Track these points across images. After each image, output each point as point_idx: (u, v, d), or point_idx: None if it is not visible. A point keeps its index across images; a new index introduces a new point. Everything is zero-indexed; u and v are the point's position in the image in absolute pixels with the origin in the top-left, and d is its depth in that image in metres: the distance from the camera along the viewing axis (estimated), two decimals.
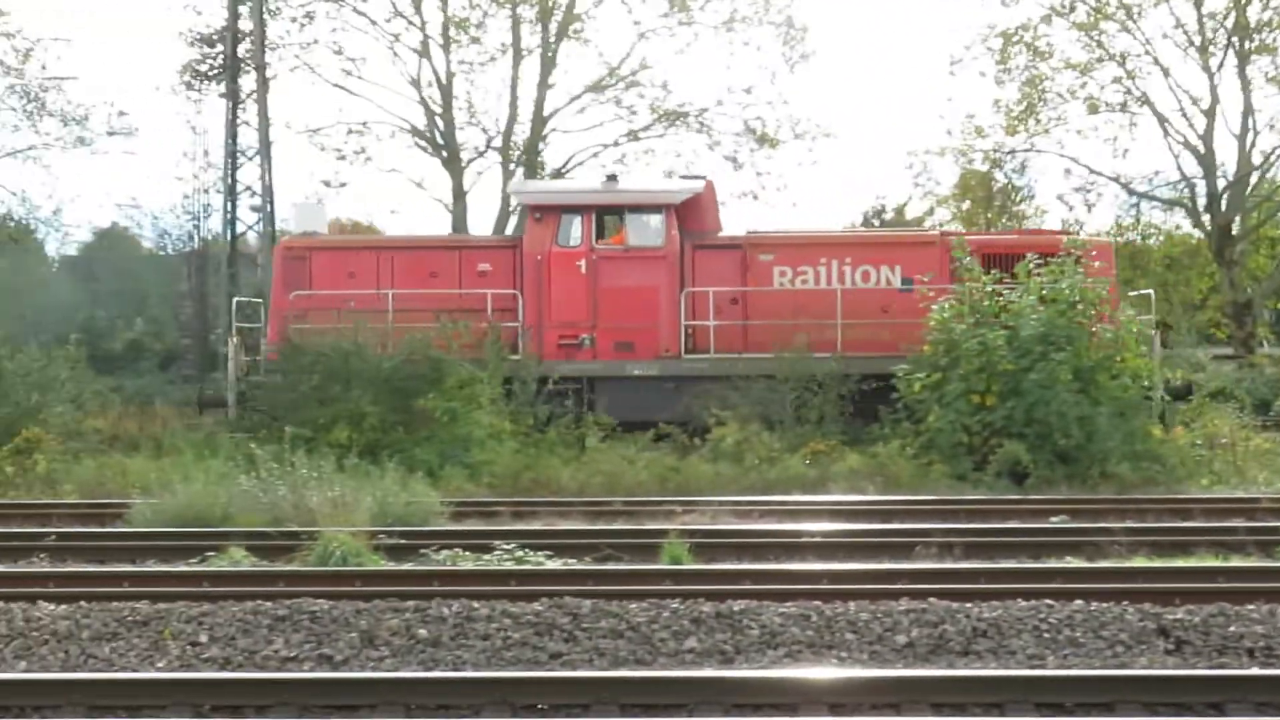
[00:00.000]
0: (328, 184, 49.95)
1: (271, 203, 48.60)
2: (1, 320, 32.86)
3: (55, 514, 21.10)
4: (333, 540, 16.39)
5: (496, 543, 17.03)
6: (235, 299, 30.68)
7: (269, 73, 49.39)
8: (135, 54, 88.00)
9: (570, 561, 16.44)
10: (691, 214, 30.22)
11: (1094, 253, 27.73)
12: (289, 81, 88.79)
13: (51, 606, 13.44)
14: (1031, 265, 26.98)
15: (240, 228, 49.05)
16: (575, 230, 29.66)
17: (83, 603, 13.53)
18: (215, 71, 50.22)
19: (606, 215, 29.99)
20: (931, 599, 13.21)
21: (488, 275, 29.87)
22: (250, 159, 48.95)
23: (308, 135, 49.10)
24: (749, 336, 29.66)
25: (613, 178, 31.52)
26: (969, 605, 13.03)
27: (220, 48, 49.88)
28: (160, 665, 12.07)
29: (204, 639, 12.59)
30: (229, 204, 48.78)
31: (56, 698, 10.56)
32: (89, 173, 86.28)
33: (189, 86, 50.63)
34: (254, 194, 48.94)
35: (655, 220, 29.76)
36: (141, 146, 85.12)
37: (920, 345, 26.90)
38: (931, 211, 55.60)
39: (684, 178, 32.07)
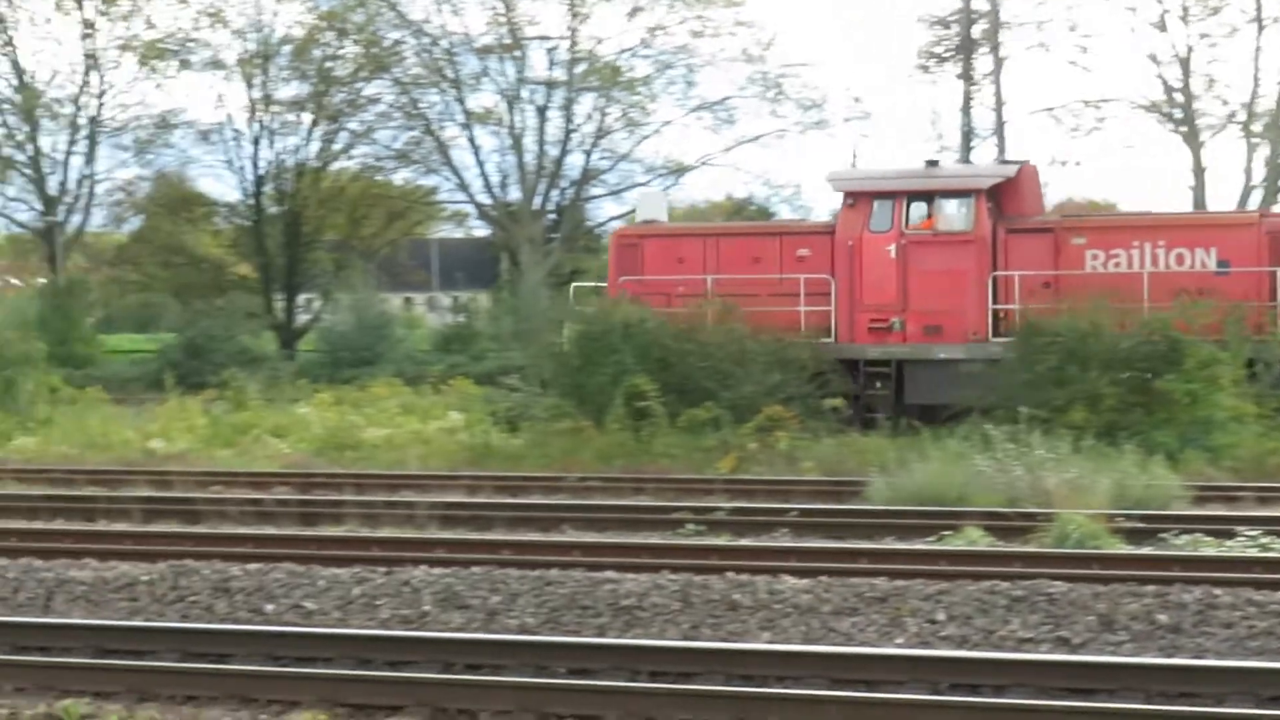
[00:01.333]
0: (1062, 163, 49.72)
1: None
2: None
3: (796, 490, 21.72)
4: (1070, 522, 16.27)
5: (1240, 528, 16.60)
6: (573, 284, 31.53)
7: (1002, 53, 49.50)
8: (869, 37, 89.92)
9: None
10: (1007, 198, 29.56)
11: None
12: (1015, 60, 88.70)
13: (793, 580, 13.85)
14: None
15: None
16: (886, 215, 29.38)
17: (823, 578, 13.88)
18: (950, 53, 50.74)
19: (917, 200, 29.47)
20: None
21: (806, 260, 29.87)
22: (984, 140, 49.15)
23: (1042, 113, 48.96)
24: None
25: (933, 163, 31.34)
26: None
27: (955, 29, 50.33)
28: (898, 641, 12.24)
29: (941, 617, 12.71)
30: None
31: (799, 669, 10.87)
32: (824, 153, 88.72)
33: (924, 69, 51.44)
34: None
35: (964, 205, 29.19)
36: (873, 128, 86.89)
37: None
38: None
39: (1003, 162, 30.77)
